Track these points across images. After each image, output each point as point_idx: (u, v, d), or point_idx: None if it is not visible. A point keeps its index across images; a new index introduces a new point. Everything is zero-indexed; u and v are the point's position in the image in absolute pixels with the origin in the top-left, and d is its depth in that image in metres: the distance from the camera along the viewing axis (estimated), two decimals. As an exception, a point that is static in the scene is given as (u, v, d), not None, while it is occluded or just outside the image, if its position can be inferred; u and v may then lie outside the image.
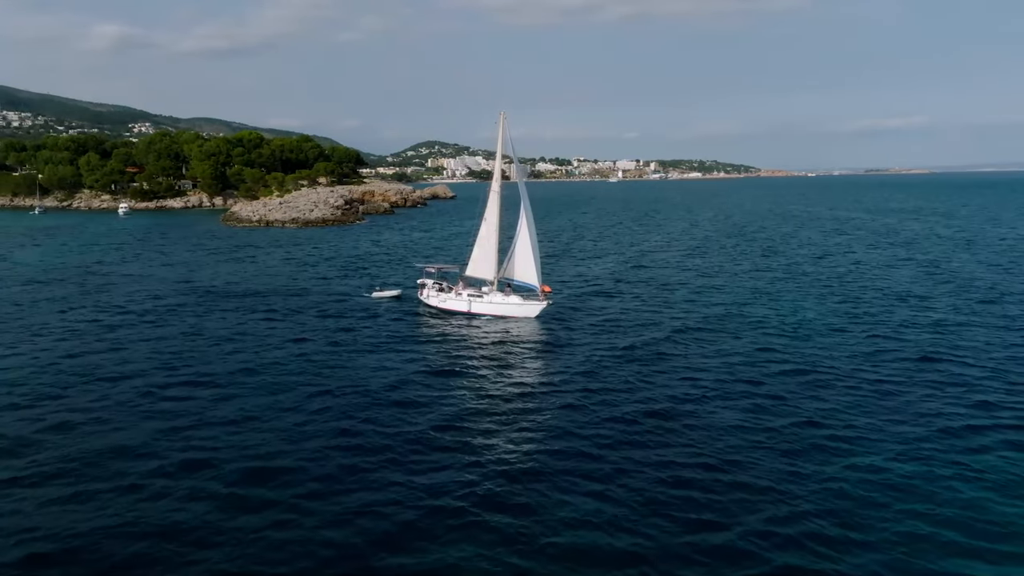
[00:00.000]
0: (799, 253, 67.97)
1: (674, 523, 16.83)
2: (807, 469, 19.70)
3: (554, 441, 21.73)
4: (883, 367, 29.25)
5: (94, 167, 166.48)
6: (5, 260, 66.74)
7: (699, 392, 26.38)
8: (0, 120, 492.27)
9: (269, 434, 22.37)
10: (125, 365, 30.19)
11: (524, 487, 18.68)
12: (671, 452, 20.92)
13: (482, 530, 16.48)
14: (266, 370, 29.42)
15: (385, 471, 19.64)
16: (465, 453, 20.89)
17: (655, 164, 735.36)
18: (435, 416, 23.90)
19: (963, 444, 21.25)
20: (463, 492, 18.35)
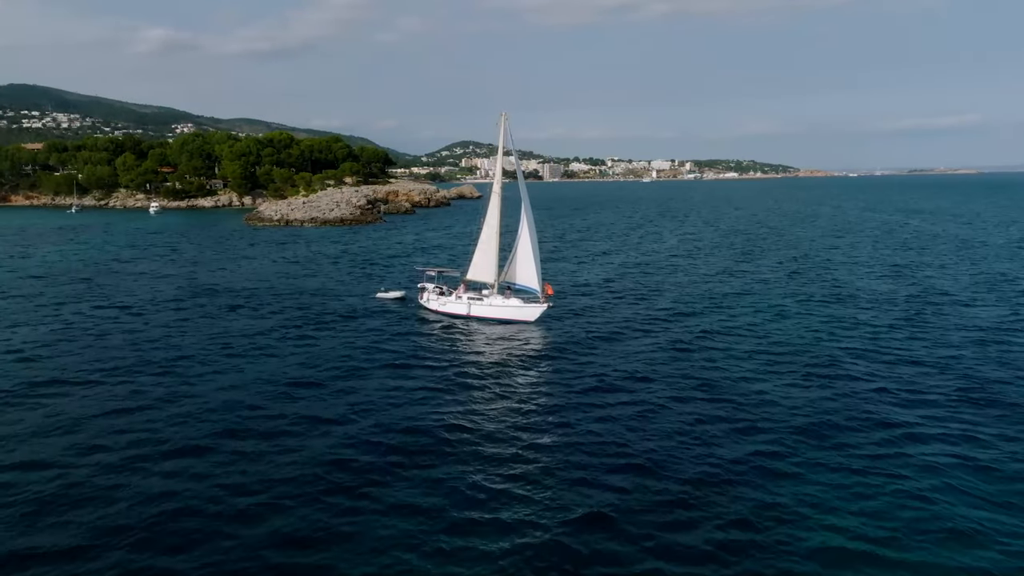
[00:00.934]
0: (781, 253, 66.73)
1: (680, 528, 16.78)
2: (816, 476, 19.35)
3: (544, 446, 21.52)
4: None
5: (129, 167, 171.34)
6: (29, 257, 69.19)
7: (701, 397, 25.76)
8: (51, 122, 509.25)
9: (252, 437, 22.34)
10: (108, 361, 30.89)
11: (518, 491, 18.57)
12: (670, 456, 20.70)
13: (486, 534, 16.50)
14: (254, 369, 29.39)
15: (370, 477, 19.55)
16: (458, 460, 20.66)
17: (690, 164, 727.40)
18: (422, 422, 23.51)
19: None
20: (455, 494, 18.42)
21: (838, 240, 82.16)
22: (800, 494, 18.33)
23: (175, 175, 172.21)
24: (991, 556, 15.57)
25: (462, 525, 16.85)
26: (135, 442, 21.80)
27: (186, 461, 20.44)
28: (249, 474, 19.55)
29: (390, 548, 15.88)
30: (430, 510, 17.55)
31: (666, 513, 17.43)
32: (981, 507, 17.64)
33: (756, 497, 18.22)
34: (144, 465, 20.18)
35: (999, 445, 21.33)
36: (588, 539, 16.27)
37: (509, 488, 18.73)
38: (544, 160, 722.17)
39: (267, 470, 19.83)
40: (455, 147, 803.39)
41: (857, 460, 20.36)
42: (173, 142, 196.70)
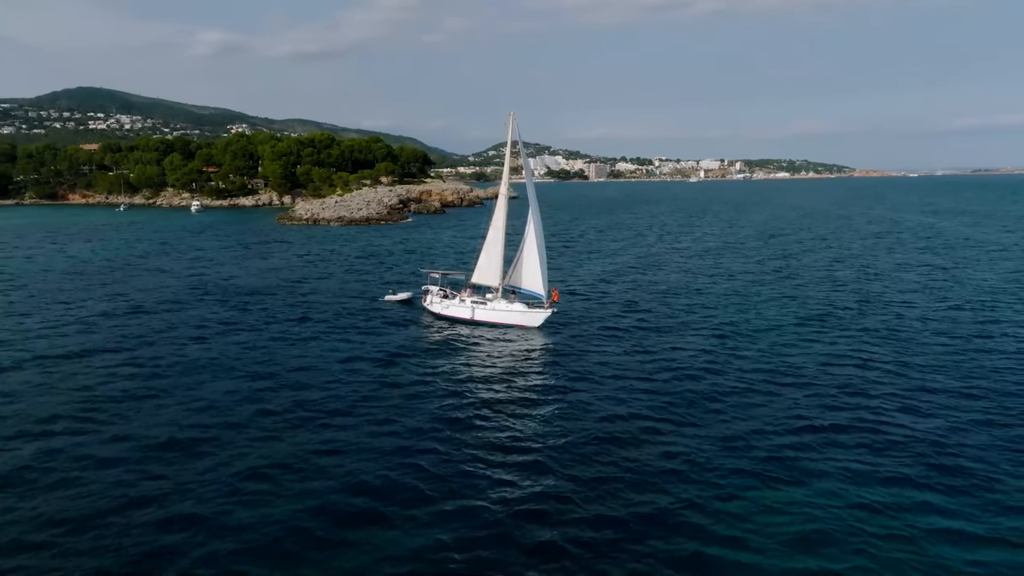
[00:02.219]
0: (817, 254, 65.09)
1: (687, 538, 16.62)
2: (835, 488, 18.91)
3: (538, 463, 20.76)
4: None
5: (176, 167, 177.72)
6: (62, 252, 72.75)
7: (709, 418, 24.40)
8: (114, 123, 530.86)
9: (244, 438, 22.44)
10: (82, 357, 32.07)
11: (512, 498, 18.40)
12: (667, 475, 19.96)
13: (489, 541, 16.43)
14: (251, 371, 29.39)
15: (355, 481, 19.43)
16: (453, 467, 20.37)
17: (740, 164, 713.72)
18: (416, 430, 23.04)
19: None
20: (446, 494, 18.46)
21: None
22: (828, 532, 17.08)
23: (219, 175, 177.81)
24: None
25: (459, 534, 16.71)
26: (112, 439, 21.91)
27: (172, 465, 20.29)
28: (239, 488, 19.10)
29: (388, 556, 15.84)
30: (423, 520, 17.34)
31: (672, 528, 17.05)
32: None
33: (782, 521, 17.51)
34: (126, 475, 19.75)
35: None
36: (591, 546, 16.15)
37: (503, 499, 18.38)
38: (591, 160, 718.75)
39: (253, 486, 19.25)
40: (501, 147, 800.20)
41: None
42: (218, 142, 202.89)
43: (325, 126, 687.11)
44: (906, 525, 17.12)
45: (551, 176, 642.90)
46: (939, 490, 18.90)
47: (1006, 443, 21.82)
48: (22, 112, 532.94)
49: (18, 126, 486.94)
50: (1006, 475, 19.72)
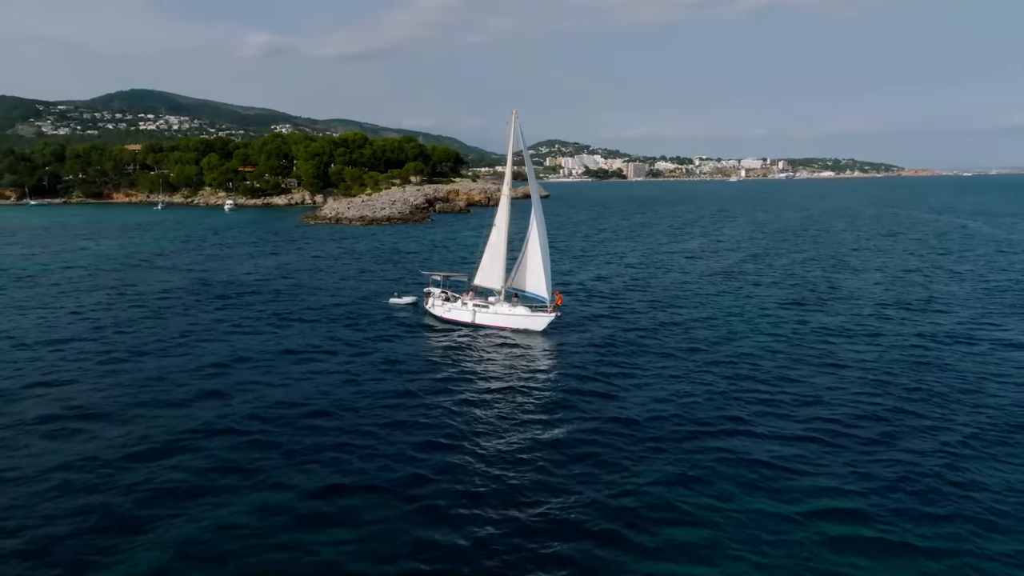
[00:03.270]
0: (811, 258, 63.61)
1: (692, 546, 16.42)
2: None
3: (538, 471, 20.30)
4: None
5: (213, 166, 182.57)
6: (86, 249, 75.62)
7: (721, 427, 23.58)
8: (163, 124, 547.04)
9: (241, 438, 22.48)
10: (110, 354, 32.71)
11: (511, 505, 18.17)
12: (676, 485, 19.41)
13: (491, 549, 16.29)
14: (249, 374, 29.19)
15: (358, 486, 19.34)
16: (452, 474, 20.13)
17: (783, 163, 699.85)
18: (410, 439, 22.53)
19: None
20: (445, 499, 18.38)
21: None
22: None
23: (253, 174, 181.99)
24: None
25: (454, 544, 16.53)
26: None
27: (176, 470, 20.21)
28: (236, 490, 19.09)
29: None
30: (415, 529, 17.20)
31: (679, 538, 16.80)
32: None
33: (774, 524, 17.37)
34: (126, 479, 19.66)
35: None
36: (594, 553, 16.14)
37: (497, 509, 18.00)
38: (629, 159, 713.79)
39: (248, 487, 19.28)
40: (540, 146, 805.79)
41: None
42: (254, 143, 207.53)
43: (367, 126, 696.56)
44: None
45: (589, 175, 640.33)
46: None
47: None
48: (77, 114, 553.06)
49: (73, 127, 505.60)
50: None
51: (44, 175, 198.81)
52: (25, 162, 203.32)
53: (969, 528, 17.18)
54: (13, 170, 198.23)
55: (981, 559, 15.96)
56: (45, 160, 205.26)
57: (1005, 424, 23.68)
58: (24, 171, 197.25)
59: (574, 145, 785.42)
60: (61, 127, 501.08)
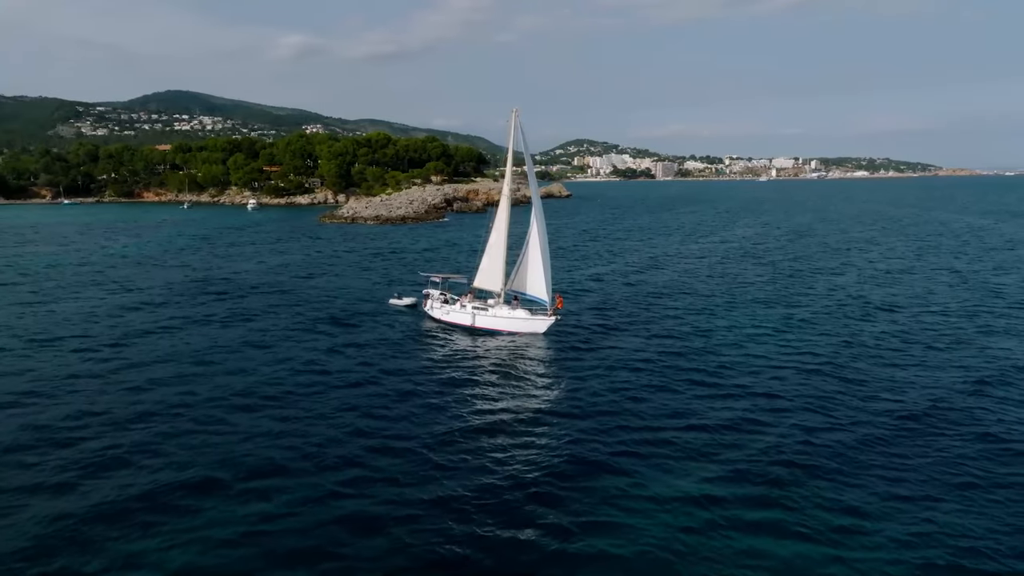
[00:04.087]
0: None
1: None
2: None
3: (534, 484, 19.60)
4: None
5: (239, 166, 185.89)
6: (104, 248, 77.73)
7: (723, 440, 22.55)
8: (197, 124, 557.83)
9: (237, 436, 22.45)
10: (112, 355, 32.94)
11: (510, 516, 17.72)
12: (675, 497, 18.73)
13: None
14: (246, 376, 28.88)
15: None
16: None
17: (816, 162, 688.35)
18: (404, 449, 21.78)
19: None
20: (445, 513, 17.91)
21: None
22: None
23: (278, 174, 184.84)
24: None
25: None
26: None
27: (165, 473, 20.00)
28: (233, 495, 18.82)
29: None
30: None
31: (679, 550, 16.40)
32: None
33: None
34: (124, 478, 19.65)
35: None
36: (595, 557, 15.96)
37: (492, 519, 17.60)
38: (658, 159, 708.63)
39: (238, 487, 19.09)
40: (569, 145, 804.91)
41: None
42: (278, 142, 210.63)
43: (396, 126, 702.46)
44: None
45: (616, 175, 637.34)
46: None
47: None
48: (115, 115, 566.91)
49: (111, 128, 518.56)
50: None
51: (78, 175, 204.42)
52: (60, 162, 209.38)
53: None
54: (49, 170, 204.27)
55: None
56: (79, 160, 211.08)
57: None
58: (59, 171, 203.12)
59: (603, 144, 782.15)
60: (100, 128, 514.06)
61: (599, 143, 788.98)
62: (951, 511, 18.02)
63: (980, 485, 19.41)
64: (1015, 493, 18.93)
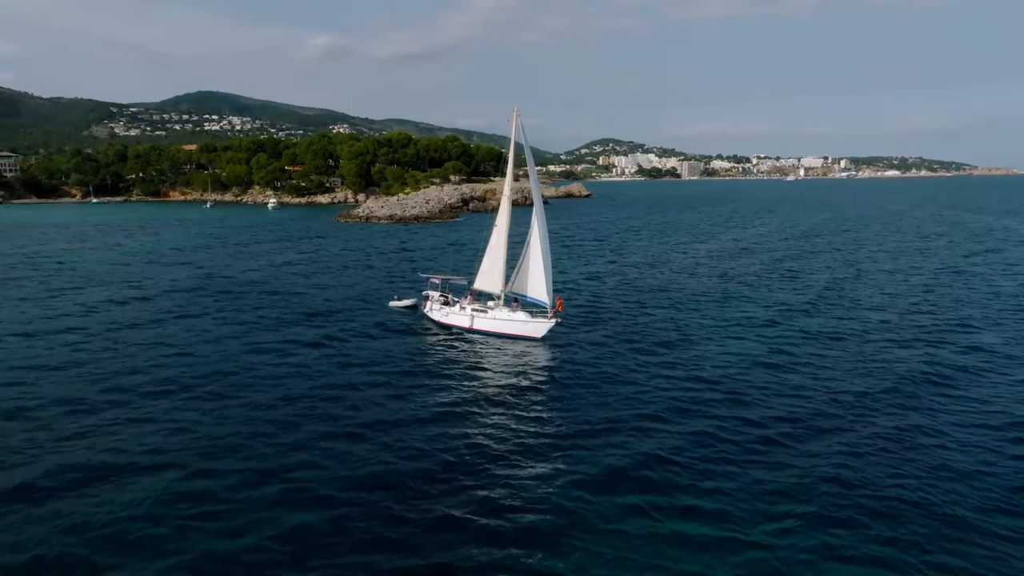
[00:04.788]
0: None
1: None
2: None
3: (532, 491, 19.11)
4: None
5: (262, 166, 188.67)
6: (121, 245, 79.61)
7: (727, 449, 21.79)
8: (226, 124, 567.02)
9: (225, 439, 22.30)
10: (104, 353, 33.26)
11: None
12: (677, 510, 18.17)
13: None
14: (242, 376, 28.67)
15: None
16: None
17: (845, 161, 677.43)
18: (399, 454, 21.28)
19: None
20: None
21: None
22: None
23: (299, 173, 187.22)
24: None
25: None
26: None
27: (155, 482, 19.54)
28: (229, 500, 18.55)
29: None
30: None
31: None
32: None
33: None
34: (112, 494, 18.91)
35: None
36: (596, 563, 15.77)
37: (487, 529, 17.21)
38: (685, 158, 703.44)
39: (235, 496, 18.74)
40: (595, 144, 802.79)
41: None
42: (301, 142, 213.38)
43: (422, 126, 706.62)
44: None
45: (641, 175, 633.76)
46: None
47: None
48: (147, 115, 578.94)
49: (143, 128, 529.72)
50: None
51: (107, 174, 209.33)
52: (91, 162, 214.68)
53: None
54: (79, 169, 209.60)
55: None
56: (109, 160, 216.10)
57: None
58: (89, 171, 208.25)
59: (628, 144, 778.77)
60: (132, 128, 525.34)
61: (625, 142, 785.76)
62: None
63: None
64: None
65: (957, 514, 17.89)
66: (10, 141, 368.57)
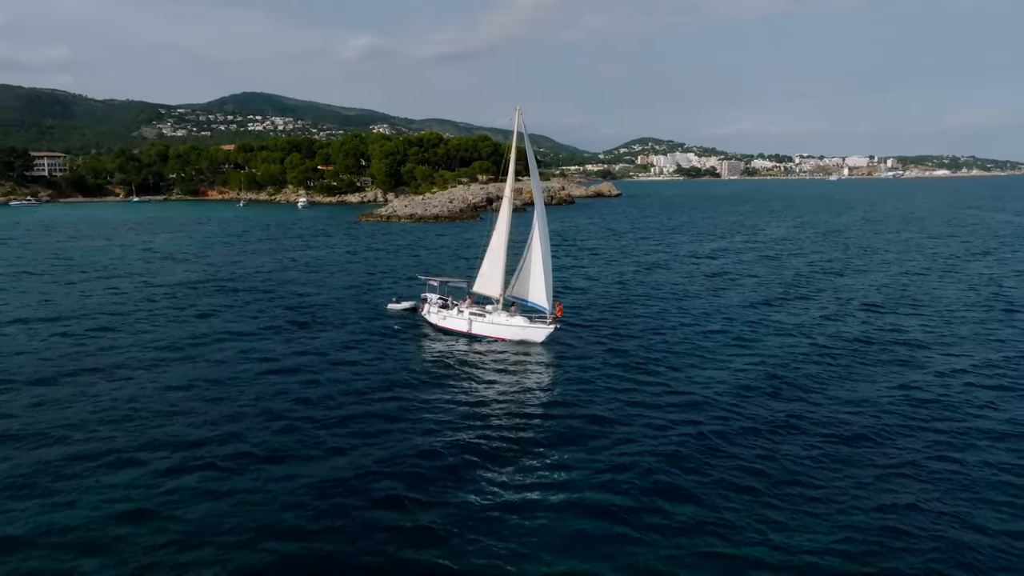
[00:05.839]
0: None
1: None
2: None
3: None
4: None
5: (295, 165, 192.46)
6: (145, 243, 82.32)
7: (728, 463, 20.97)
8: (269, 124, 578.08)
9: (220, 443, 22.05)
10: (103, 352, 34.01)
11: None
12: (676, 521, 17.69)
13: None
14: (225, 382, 28.28)
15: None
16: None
17: (892, 160, 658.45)
18: (382, 466, 20.55)
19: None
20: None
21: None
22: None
23: (330, 173, 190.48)
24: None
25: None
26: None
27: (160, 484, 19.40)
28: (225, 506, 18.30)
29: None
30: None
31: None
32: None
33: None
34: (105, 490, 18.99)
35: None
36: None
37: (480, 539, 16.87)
38: (725, 157, 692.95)
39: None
40: (634, 144, 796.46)
41: None
42: (334, 142, 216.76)
43: (461, 125, 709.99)
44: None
45: (680, 174, 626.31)
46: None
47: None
48: (194, 116, 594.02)
49: (189, 129, 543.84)
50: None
51: (149, 174, 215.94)
52: (133, 162, 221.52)
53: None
54: (123, 169, 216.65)
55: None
56: (151, 160, 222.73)
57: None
58: (132, 170, 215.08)
59: (668, 143, 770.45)
60: (179, 129, 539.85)
61: (664, 142, 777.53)
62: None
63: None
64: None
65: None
66: (65, 142, 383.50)
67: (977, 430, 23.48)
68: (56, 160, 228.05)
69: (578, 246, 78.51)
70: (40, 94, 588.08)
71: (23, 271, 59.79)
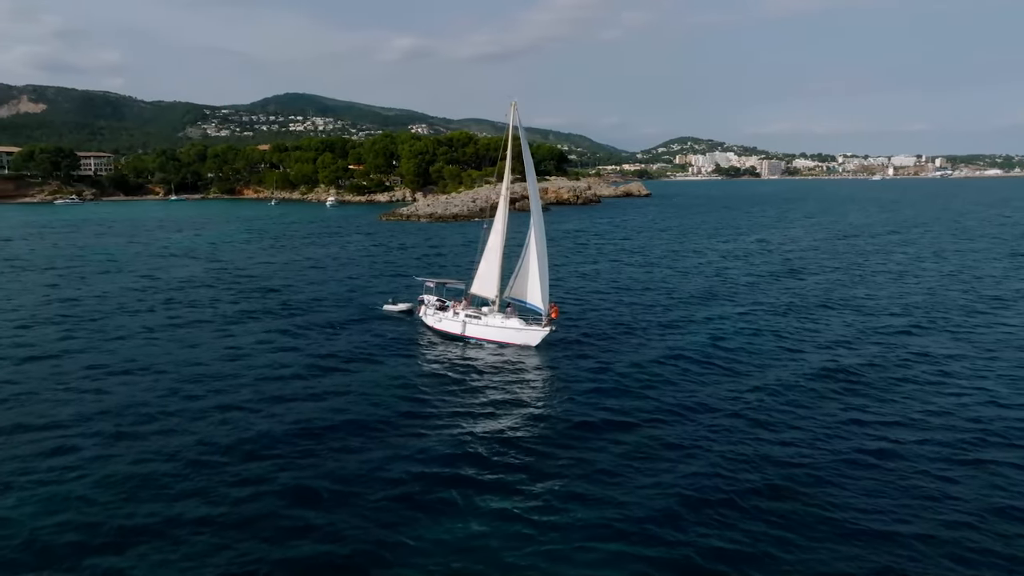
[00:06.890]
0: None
1: None
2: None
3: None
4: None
5: (327, 165, 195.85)
6: (168, 242, 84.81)
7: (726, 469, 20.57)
8: (310, 125, 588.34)
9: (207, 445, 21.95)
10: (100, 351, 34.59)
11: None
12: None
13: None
14: (218, 378, 28.40)
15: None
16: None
17: (941, 160, 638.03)
18: (372, 467, 20.49)
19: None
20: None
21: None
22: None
23: (360, 172, 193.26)
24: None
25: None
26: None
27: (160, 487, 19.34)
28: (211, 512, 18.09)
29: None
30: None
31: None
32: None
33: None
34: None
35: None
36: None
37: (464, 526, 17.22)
38: (766, 156, 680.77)
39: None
40: (672, 143, 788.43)
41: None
42: (365, 142, 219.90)
43: (499, 125, 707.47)
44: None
45: (718, 173, 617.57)
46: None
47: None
48: (237, 117, 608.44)
49: (232, 129, 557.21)
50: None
51: (188, 173, 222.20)
52: (173, 161, 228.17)
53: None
54: (163, 168, 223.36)
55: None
56: (190, 159, 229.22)
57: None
58: (172, 169, 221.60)
59: (707, 142, 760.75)
60: (223, 129, 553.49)
61: (703, 141, 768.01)
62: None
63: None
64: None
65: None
66: (114, 142, 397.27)
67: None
68: (101, 160, 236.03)
69: (590, 244, 78.19)
70: (93, 96, 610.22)
71: (37, 268, 62.22)
